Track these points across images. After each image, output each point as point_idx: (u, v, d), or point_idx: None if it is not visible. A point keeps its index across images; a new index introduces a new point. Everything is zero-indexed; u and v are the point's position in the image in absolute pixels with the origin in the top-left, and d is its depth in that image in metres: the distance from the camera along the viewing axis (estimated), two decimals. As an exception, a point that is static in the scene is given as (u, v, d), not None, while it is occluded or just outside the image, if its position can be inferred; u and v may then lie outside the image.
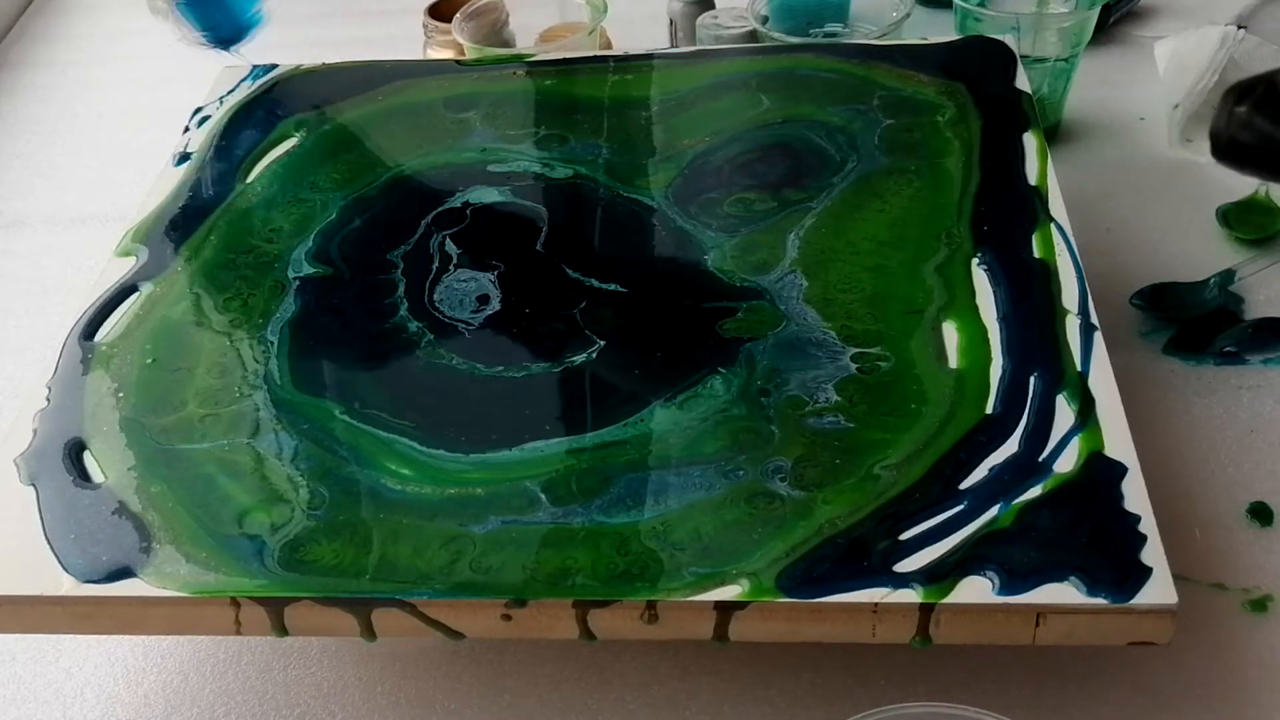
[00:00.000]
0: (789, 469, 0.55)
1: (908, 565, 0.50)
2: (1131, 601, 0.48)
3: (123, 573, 0.53)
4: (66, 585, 0.53)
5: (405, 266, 0.68)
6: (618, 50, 0.94)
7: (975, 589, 0.49)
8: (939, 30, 0.87)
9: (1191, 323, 0.72)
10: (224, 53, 0.86)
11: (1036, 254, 0.64)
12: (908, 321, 0.61)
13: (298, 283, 0.67)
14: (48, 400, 0.62)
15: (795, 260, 0.65)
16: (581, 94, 0.80)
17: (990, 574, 0.50)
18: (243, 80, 0.84)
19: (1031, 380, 0.57)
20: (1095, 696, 0.55)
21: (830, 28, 0.96)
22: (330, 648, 0.61)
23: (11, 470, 0.58)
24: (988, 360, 0.59)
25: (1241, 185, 0.82)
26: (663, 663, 0.58)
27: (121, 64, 1.11)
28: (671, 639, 0.52)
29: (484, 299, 0.66)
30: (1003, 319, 0.61)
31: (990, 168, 0.70)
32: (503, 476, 0.56)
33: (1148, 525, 0.51)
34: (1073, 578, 0.49)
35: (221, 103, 0.82)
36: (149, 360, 0.63)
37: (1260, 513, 0.62)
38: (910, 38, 0.85)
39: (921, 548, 0.51)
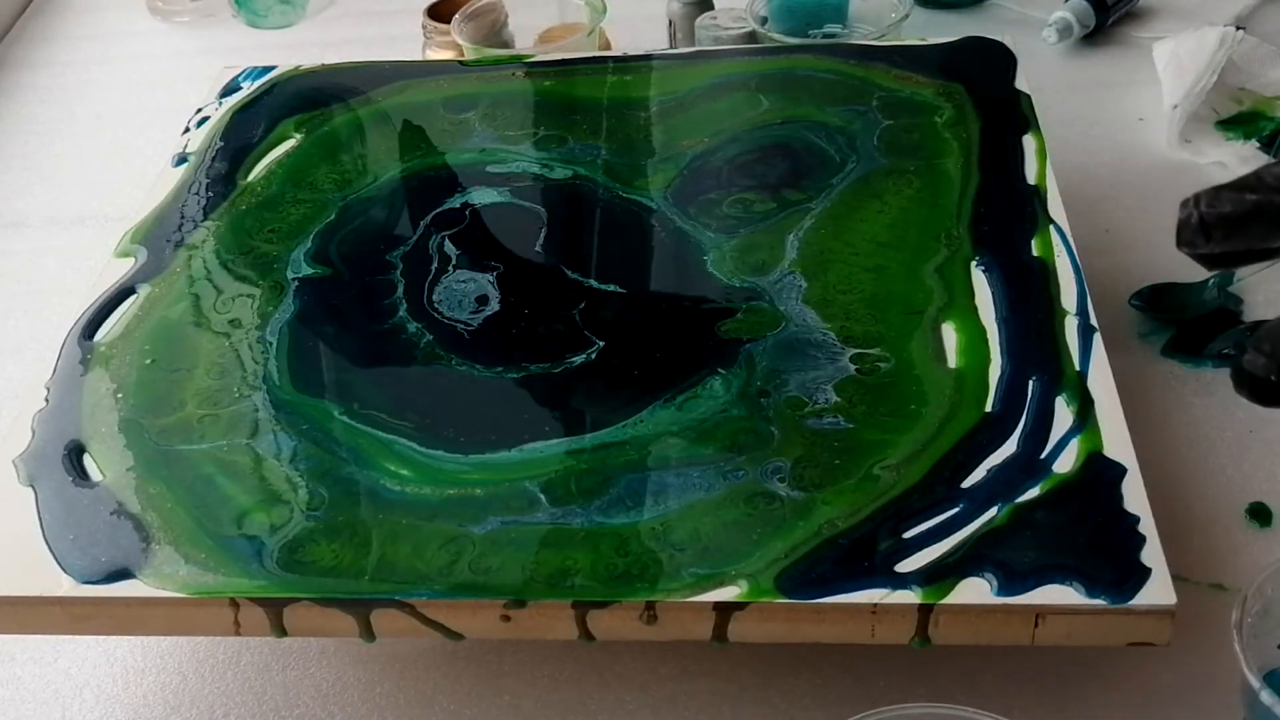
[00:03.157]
0: (788, 470, 0.55)
1: (907, 566, 0.50)
2: (1130, 602, 0.48)
3: (122, 573, 0.53)
4: (65, 586, 0.53)
5: (404, 267, 0.68)
6: (617, 51, 0.94)
7: (974, 590, 0.49)
8: (938, 31, 0.87)
9: (1191, 323, 0.72)
10: None
11: (1036, 255, 0.64)
12: (907, 322, 0.61)
13: (297, 283, 0.67)
14: (46, 401, 0.62)
15: (794, 261, 0.65)
16: (581, 95, 0.80)
17: (989, 575, 0.50)
18: (242, 80, 0.84)
19: (1031, 381, 0.57)
20: (1094, 697, 0.55)
21: (829, 29, 0.96)
22: (329, 648, 0.61)
23: (10, 471, 0.58)
24: (987, 361, 0.59)
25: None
26: (662, 663, 0.58)
27: (121, 64, 1.11)
28: (671, 640, 0.51)
29: (483, 300, 0.66)
30: (1002, 320, 0.61)
31: (989, 168, 0.70)
32: (502, 477, 0.56)
33: (1147, 526, 0.51)
34: (1072, 578, 0.49)
35: (221, 103, 0.82)
36: (148, 361, 0.63)
37: (1259, 513, 0.62)
38: (909, 38, 0.85)
39: (921, 548, 0.51)
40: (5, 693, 0.61)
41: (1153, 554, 0.50)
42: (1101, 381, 0.57)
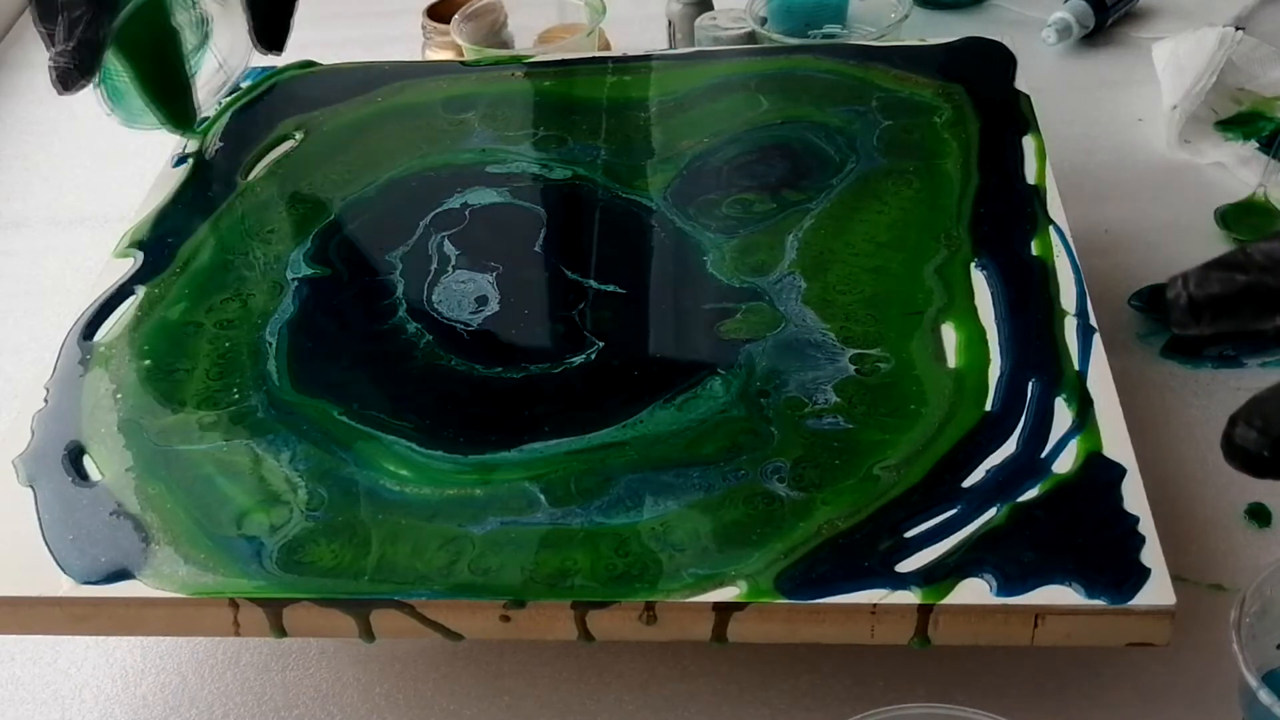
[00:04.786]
0: (788, 470, 0.55)
1: (906, 566, 0.50)
2: (1130, 602, 0.48)
3: (121, 574, 0.53)
4: (65, 586, 0.53)
5: (404, 267, 0.68)
6: (616, 51, 0.94)
7: (973, 590, 0.49)
8: (937, 32, 0.87)
9: (1190, 324, 0.72)
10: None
11: (1035, 255, 0.64)
12: (907, 323, 0.61)
13: (296, 284, 0.67)
14: (46, 401, 0.62)
15: (794, 262, 0.65)
16: (580, 95, 0.80)
17: (988, 575, 0.50)
18: (242, 80, 0.83)
19: (1030, 381, 0.57)
20: (1094, 698, 0.55)
21: (829, 29, 0.96)
22: (329, 649, 0.61)
23: (10, 471, 0.58)
24: (986, 361, 0.59)
25: (1240, 187, 0.82)
26: (661, 664, 0.58)
27: (120, 65, 1.11)
28: (670, 640, 0.51)
29: (482, 300, 0.66)
30: (1001, 320, 0.61)
31: (989, 169, 0.70)
32: (501, 477, 0.56)
33: (1146, 526, 0.51)
34: (1071, 578, 0.49)
35: (221, 103, 0.82)
36: (147, 361, 0.63)
37: (1258, 514, 0.62)
38: (908, 39, 0.85)
39: (920, 549, 0.51)
40: (5, 693, 0.61)
41: (1152, 554, 0.50)
42: (1101, 382, 0.57)
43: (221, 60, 0.80)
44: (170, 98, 0.77)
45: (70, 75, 0.67)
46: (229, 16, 0.78)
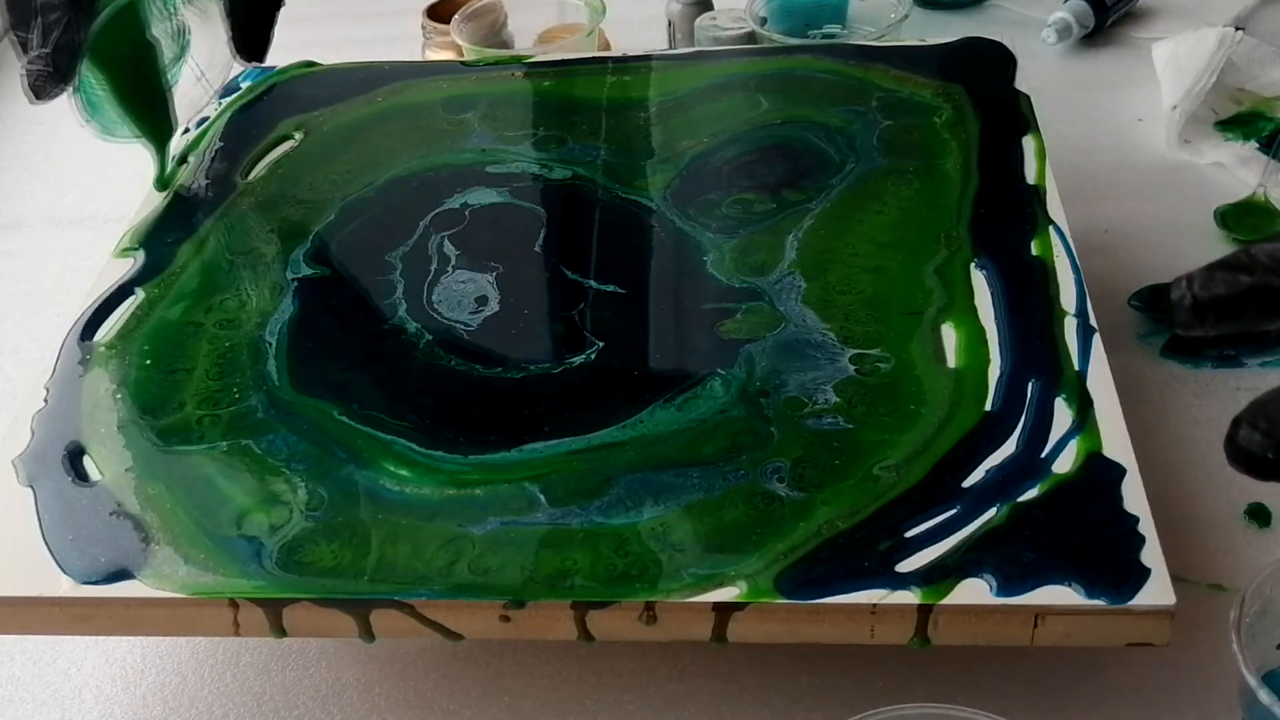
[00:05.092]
0: (788, 470, 0.55)
1: (906, 566, 0.50)
2: (1130, 602, 0.48)
3: (121, 574, 0.53)
4: (65, 586, 0.53)
5: (404, 268, 0.68)
6: (616, 52, 0.94)
7: (973, 590, 0.49)
8: (937, 32, 0.87)
9: (1190, 324, 0.72)
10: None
11: (1035, 255, 0.64)
12: (907, 323, 0.61)
13: (296, 284, 0.67)
14: (46, 401, 0.62)
15: (794, 262, 0.65)
16: (580, 95, 0.80)
17: (988, 575, 0.50)
18: (242, 80, 0.84)
19: (1030, 381, 0.57)
20: (1093, 698, 0.55)
21: (828, 29, 0.96)
22: (329, 649, 0.61)
23: (10, 471, 0.58)
24: (986, 361, 0.59)
25: (1240, 187, 0.82)
26: (661, 664, 0.58)
27: (120, 65, 1.11)
28: (670, 640, 0.52)
29: (482, 300, 0.66)
30: (1001, 320, 0.61)
31: (989, 169, 0.70)
32: (501, 477, 0.56)
33: (1146, 526, 0.51)
34: (1071, 578, 0.49)
35: (221, 103, 0.82)
36: (147, 361, 0.63)
37: (1258, 514, 0.62)
38: (908, 39, 0.85)
39: (920, 549, 0.51)
40: (5, 693, 0.61)
41: (1152, 554, 0.50)
42: (1101, 382, 0.57)
43: (200, 72, 0.78)
44: (147, 110, 0.75)
45: (47, 80, 0.64)
46: (208, 27, 0.77)
